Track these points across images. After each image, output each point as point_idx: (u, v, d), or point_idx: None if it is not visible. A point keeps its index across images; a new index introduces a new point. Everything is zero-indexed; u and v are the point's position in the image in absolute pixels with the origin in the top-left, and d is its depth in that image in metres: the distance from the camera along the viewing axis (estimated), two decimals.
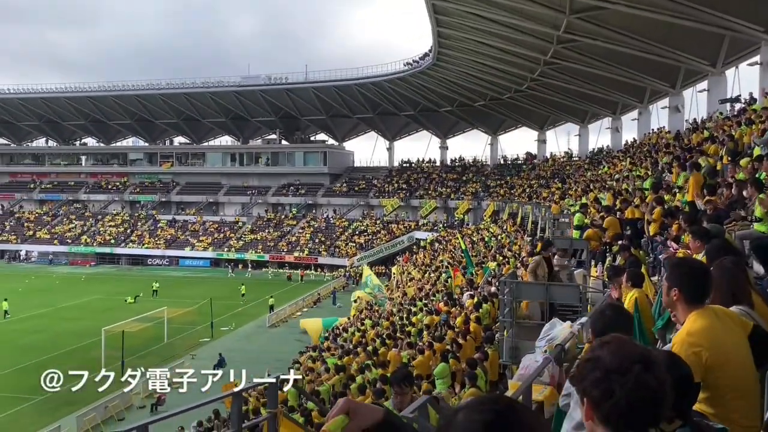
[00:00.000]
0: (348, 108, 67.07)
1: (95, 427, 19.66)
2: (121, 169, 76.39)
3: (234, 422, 4.46)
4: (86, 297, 43.84)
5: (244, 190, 71.65)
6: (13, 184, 77.41)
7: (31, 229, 68.73)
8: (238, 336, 33.37)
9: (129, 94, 68.31)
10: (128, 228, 68.01)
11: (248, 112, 70.89)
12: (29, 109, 72.81)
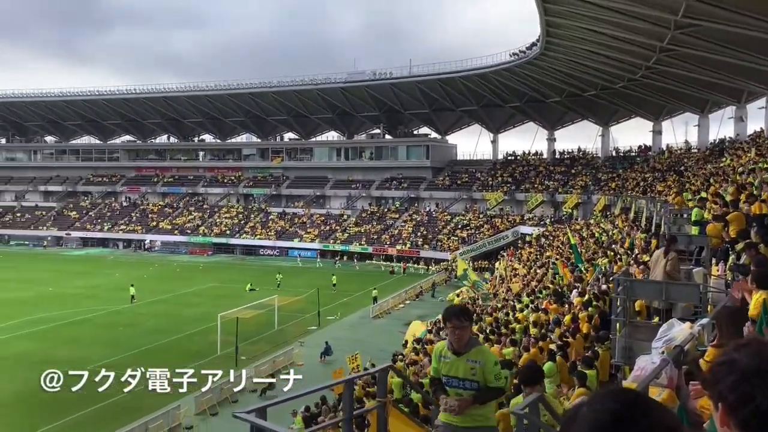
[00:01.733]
0: (451, 101, 66.72)
1: (212, 407, 20.82)
2: (235, 164, 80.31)
3: (345, 409, 4.57)
4: (204, 284, 46.54)
5: (348, 184, 73.20)
6: (139, 178, 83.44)
7: (154, 220, 73.80)
8: (343, 325, 34.23)
9: (243, 92, 71.58)
10: (242, 220, 71.41)
11: (354, 108, 72.27)
12: (153, 108, 78.13)
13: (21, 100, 79.37)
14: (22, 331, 31.63)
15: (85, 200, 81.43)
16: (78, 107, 79.82)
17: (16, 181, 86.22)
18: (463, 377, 4.27)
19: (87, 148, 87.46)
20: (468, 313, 4.54)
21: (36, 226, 76.28)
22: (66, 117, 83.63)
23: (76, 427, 19.31)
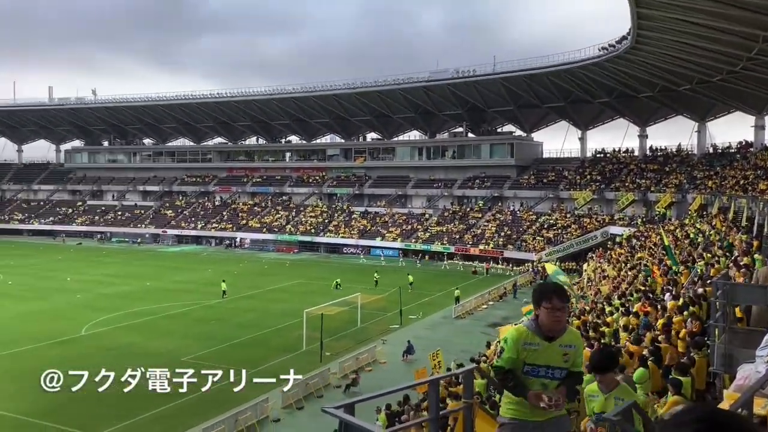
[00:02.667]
0: (537, 97, 65.29)
1: (297, 401, 21.37)
2: (320, 164, 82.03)
3: (431, 409, 4.58)
4: (290, 281, 47.82)
5: (430, 183, 73.12)
6: (230, 178, 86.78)
7: (244, 219, 76.52)
8: (425, 325, 34.25)
9: (328, 93, 72.97)
10: (326, 219, 72.85)
11: (436, 107, 72.11)
12: (243, 111, 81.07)
13: (122, 104, 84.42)
14: (124, 323, 33.64)
15: (180, 200, 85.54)
16: (174, 111, 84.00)
17: (117, 181, 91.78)
18: (554, 365, 3.83)
19: (182, 150, 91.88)
20: (566, 293, 4.04)
21: (135, 224, 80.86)
22: (163, 120, 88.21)
23: (167, 417, 20.31)
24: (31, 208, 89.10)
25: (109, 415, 20.29)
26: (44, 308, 37.32)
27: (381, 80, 70.42)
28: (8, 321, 33.79)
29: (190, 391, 22.55)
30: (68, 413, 20.39)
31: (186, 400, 21.71)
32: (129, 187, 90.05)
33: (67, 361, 26.80)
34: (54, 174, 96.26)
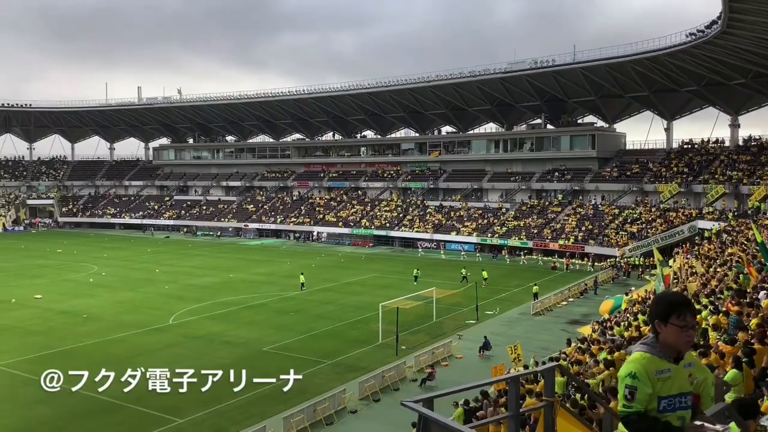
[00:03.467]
0: (620, 87, 62.95)
1: (374, 393, 21.61)
2: (394, 159, 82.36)
3: (511, 406, 4.53)
4: (366, 274, 48.35)
5: (507, 177, 71.97)
6: (307, 173, 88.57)
7: (321, 213, 77.93)
8: (502, 321, 33.81)
9: (403, 87, 73.11)
10: (400, 213, 73.11)
11: (513, 98, 70.84)
12: (320, 107, 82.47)
13: (206, 103, 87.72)
14: (209, 313, 35.04)
15: (260, 194, 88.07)
16: (254, 109, 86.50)
17: (201, 177, 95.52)
18: (685, 391, 3.18)
19: (262, 147, 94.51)
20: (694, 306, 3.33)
21: (219, 218, 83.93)
22: (244, 118, 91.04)
23: (249, 404, 20.96)
24: (122, 203, 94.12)
25: (194, 399, 21.17)
26: (135, 298, 39.39)
27: (456, 72, 69.84)
28: (103, 310, 35.89)
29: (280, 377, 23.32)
30: (158, 397, 21.42)
31: (274, 386, 22.41)
32: (213, 183, 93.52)
33: (158, 348, 28.27)
34: (143, 170, 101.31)
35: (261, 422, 18.36)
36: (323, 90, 78.82)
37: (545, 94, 68.11)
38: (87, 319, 33.63)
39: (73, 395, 21.59)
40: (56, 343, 28.91)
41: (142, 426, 18.97)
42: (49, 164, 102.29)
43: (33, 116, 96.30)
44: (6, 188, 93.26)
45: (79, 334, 30.34)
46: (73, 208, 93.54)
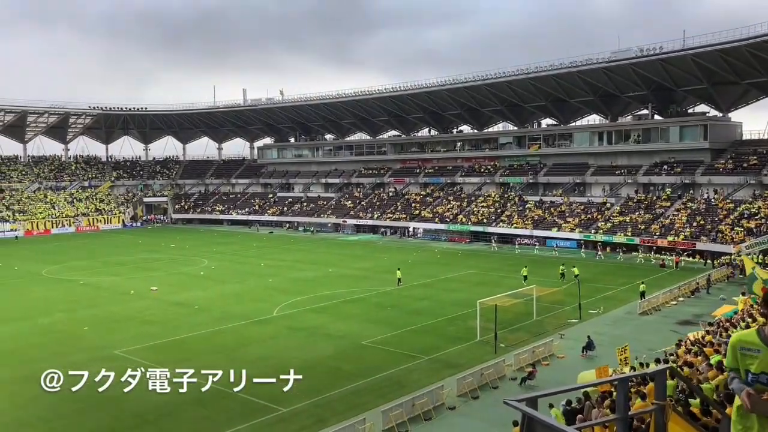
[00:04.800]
0: (735, 73, 58.74)
1: (473, 390, 21.46)
2: (492, 153, 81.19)
3: (620, 409, 4.37)
4: (462, 271, 48.04)
5: (612, 170, 69.13)
6: (403, 170, 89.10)
7: (417, 209, 78.18)
8: (606, 320, 32.57)
9: (501, 80, 71.84)
10: (498, 208, 72.01)
11: (617, 88, 67.87)
12: (416, 104, 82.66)
13: (306, 103, 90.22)
14: (310, 306, 36.11)
15: (358, 191, 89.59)
16: (352, 107, 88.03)
17: (302, 174, 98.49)
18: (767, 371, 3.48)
19: (359, 144, 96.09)
20: None
21: (318, 214, 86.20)
22: (342, 116, 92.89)
23: (353, 395, 21.43)
24: (229, 200, 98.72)
25: (301, 390, 21.88)
26: (242, 290, 41.23)
27: (557, 64, 67.78)
28: (212, 301, 37.83)
29: (377, 371, 23.73)
30: (263, 386, 22.32)
31: (372, 380, 22.85)
32: (313, 180, 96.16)
33: (263, 339, 29.47)
34: (248, 169, 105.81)
35: (361, 414, 18.70)
36: (419, 86, 78.92)
37: (652, 83, 64.73)
38: (198, 310, 35.58)
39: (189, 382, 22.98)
40: (170, 332, 30.80)
41: (247, 413, 19.83)
42: (163, 164, 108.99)
43: (148, 119, 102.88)
44: (125, 187, 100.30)
45: (191, 324, 32.16)
46: (185, 205, 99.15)
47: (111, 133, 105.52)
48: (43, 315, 34.78)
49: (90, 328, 31.67)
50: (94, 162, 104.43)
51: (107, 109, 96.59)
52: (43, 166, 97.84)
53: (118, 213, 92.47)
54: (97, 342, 28.94)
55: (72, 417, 19.91)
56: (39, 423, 19.42)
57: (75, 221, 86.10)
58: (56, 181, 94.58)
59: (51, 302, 38.20)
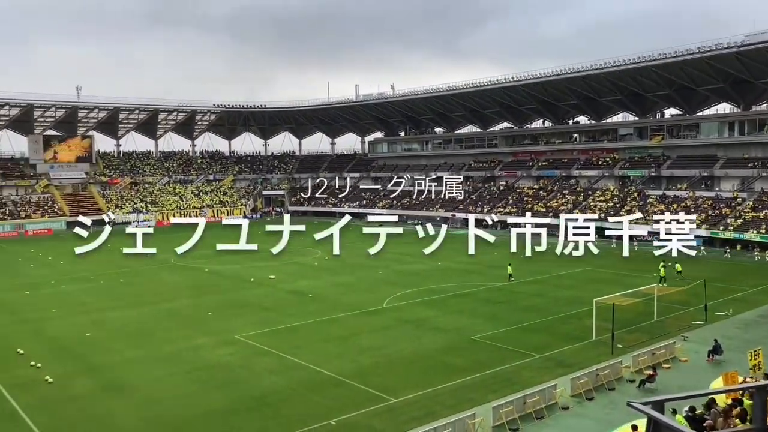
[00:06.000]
0: None
1: (587, 391, 20.70)
2: (610, 145, 77.69)
3: (756, 418, 4.05)
4: (576, 268, 46.29)
5: (744, 163, 64.04)
6: (515, 162, 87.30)
7: (529, 203, 76.35)
8: (735, 323, 30.26)
9: (621, 69, 68.34)
10: (617, 203, 68.81)
11: (752, 75, 62.59)
12: (528, 94, 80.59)
13: (416, 97, 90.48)
14: (419, 299, 36.34)
15: (467, 184, 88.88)
16: (462, 99, 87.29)
17: (411, 168, 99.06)
18: None
19: (469, 137, 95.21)
20: None
21: (427, 207, 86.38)
22: (452, 109, 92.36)
23: (464, 389, 21.34)
24: (341, 193, 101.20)
25: (411, 382, 22.15)
26: (352, 282, 42.19)
27: (682, 50, 63.52)
28: (325, 291, 39.02)
29: (487, 366, 23.53)
30: (374, 377, 22.80)
31: (482, 375, 22.67)
32: (422, 174, 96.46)
33: (373, 330, 30.03)
34: (359, 163, 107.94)
35: (471, 409, 18.58)
36: (533, 76, 76.73)
37: None
38: (312, 299, 36.84)
39: (304, 368, 23.92)
40: (286, 319, 32.11)
41: (358, 402, 20.26)
42: (281, 158, 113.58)
43: (267, 116, 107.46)
44: (246, 180, 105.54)
45: (305, 313, 33.36)
46: (300, 198, 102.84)
47: (233, 130, 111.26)
48: (172, 300, 37.41)
49: (213, 313, 33.66)
50: (218, 157, 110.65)
51: (230, 107, 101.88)
52: (172, 160, 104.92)
53: (240, 205, 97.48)
54: (220, 326, 30.72)
55: (197, 396, 21.24)
56: (167, 400, 20.86)
57: (201, 212, 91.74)
58: (184, 175, 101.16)
59: (179, 288, 41.00)
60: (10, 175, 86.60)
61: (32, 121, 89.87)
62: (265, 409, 20.02)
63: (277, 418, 19.29)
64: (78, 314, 33.98)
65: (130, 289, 40.76)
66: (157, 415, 19.60)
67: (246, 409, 20.04)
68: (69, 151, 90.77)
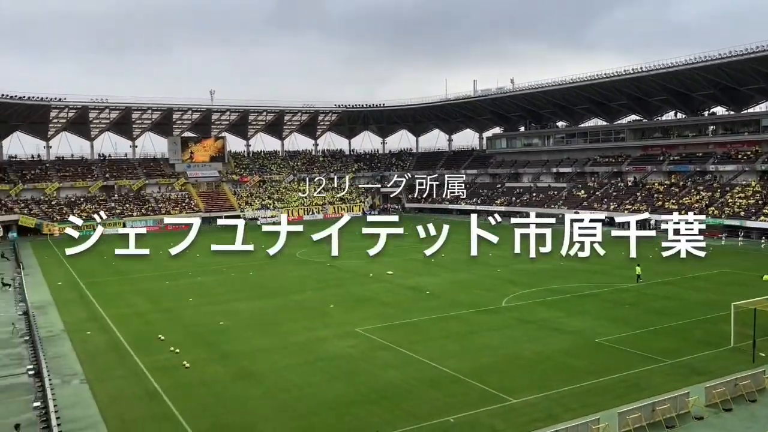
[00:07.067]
0: None
1: (724, 401, 19.29)
2: (752, 137, 71.57)
3: None
4: (713, 269, 43.13)
5: None
6: (644, 157, 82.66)
7: (660, 200, 72.03)
8: None
9: (764, 55, 62.61)
10: (760, 200, 63.30)
11: None
12: (659, 85, 75.85)
13: (537, 90, 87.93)
14: (539, 299, 35.46)
15: (592, 180, 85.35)
16: (586, 92, 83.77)
17: (531, 164, 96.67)
18: None
19: (594, 131, 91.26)
20: None
21: (548, 204, 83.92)
22: (575, 102, 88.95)
23: (586, 394, 20.59)
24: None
25: (531, 383, 21.71)
26: (470, 279, 41.92)
27: None
28: (442, 288, 39.08)
29: (613, 370, 22.58)
30: (493, 376, 22.55)
31: (607, 380, 21.81)
32: (543, 170, 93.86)
33: (492, 328, 29.72)
34: (477, 159, 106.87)
35: (595, 414, 17.90)
36: (664, 66, 71.99)
37: None
38: (429, 296, 37.05)
39: (422, 364, 24.15)
40: (404, 314, 32.53)
41: (477, 400, 20.14)
42: (398, 156, 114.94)
43: (385, 114, 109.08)
44: (364, 178, 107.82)
45: (422, 309, 33.62)
46: (418, 195, 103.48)
47: (353, 129, 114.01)
48: (297, 292, 39.06)
49: (335, 306, 34.78)
50: (338, 155, 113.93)
51: (350, 107, 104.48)
52: (296, 159, 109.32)
53: (359, 202, 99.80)
54: (341, 319, 31.69)
55: (321, 385, 22.06)
56: (293, 388, 21.83)
57: (322, 209, 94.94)
58: (307, 173, 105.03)
59: (303, 281, 42.74)
60: (152, 174, 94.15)
61: (171, 124, 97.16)
62: (385, 402, 20.40)
63: (397, 411, 19.61)
64: (211, 304, 36.38)
65: (258, 282, 43.06)
66: (284, 403, 20.57)
67: (367, 401, 20.53)
68: (204, 152, 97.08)
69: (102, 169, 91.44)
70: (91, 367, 24.74)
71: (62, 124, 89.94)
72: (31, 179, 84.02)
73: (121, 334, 29.87)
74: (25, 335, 29.72)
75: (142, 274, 45.71)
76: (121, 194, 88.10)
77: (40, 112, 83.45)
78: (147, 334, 29.81)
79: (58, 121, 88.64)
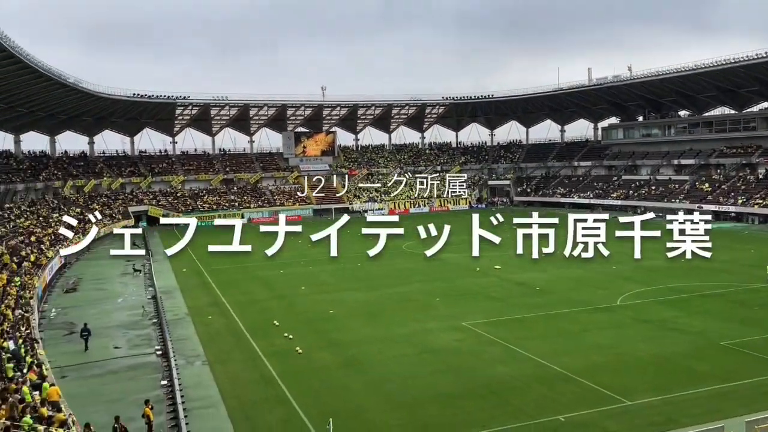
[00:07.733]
0: None
1: None
2: None
3: None
4: None
5: None
6: None
7: None
8: None
9: None
10: None
11: None
12: None
13: (657, 77, 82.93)
14: (657, 298, 33.65)
15: (717, 173, 79.64)
16: (712, 78, 78.02)
17: (650, 156, 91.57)
18: None
19: (720, 120, 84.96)
20: None
21: (668, 198, 79.22)
22: (699, 89, 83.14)
23: (709, 398, 19.38)
24: (571, 182, 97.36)
25: (648, 385, 20.67)
26: (583, 276, 40.27)
27: None
28: (553, 284, 37.78)
29: (740, 376, 21.04)
30: (606, 376, 21.64)
31: (733, 385, 20.38)
32: (663, 162, 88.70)
33: (605, 327, 28.56)
34: (592, 151, 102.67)
35: (719, 421, 16.73)
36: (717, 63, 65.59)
37: None
38: (539, 292, 36.14)
39: (531, 360, 23.64)
40: (511, 310, 31.96)
41: (589, 401, 19.43)
42: (507, 148, 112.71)
43: (494, 106, 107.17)
44: (472, 171, 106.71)
45: (531, 305, 32.83)
46: (527, 188, 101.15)
47: (460, 121, 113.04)
48: (403, 285, 39.40)
49: (441, 299, 34.76)
50: (445, 148, 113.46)
51: (457, 99, 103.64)
52: (403, 153, 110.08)
53: (466, 195, 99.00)
54: (448, 312, 31.64)
55: (427, 377, 22.14)
56: (399, 379, 22.05)
57: (429, 202, 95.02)
58: (414, 166, 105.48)
59: (410, 273, 42.96)
60: (267, 167, 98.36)
61: (285, 120, 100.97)
62: (493, 398, 20.15)
63: (505, 407, 19.31)
64: (322, 293, 37.52)
65: (366, 273, 43.75)
66: (389, 393, 20.85)
67: (474, 395, 20.37)
68: (315, 146, 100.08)
69: (222, 163, 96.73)
70: (212, 350, 26.29)
71: (186, 121, 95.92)
72: (159, 172, 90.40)
73: (239, 319, 31.52)
74: (154, 318, 32.10)
75: (257, 263, 47.77)
76: (239, 187, 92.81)
77: (167, 109, 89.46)
78: (262, 319, 31.24)
79: (183, 118, 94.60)
